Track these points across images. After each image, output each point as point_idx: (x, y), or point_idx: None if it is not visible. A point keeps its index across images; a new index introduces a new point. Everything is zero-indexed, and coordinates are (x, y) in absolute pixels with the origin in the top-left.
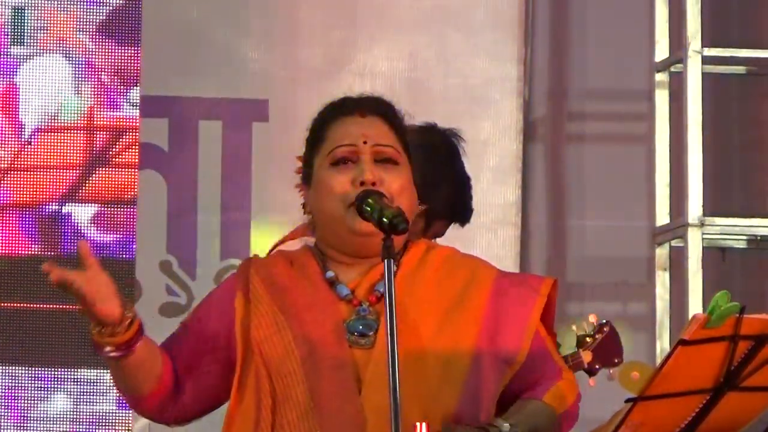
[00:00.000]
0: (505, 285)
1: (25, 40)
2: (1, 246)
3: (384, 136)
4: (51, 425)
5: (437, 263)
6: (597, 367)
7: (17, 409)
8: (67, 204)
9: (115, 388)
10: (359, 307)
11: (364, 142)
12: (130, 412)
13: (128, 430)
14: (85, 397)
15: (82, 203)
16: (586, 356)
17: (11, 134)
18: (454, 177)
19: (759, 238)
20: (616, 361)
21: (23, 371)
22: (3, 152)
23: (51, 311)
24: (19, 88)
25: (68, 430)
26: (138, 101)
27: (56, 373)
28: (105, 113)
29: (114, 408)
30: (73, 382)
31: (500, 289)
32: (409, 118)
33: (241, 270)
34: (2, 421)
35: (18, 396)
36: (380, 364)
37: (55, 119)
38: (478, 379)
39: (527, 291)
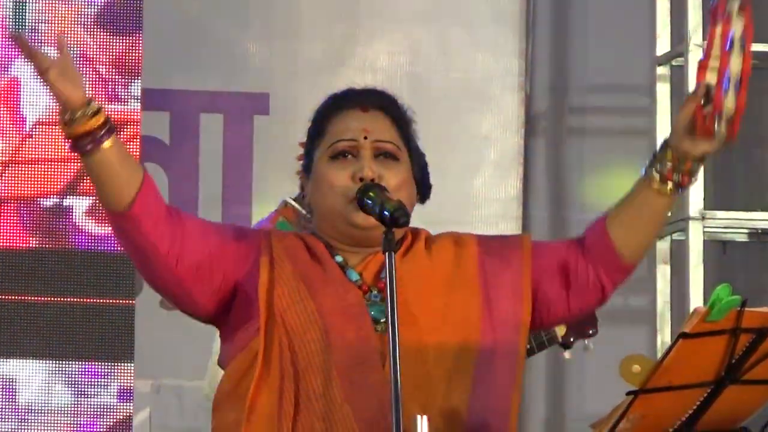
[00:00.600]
0: (488, 248)
1: (27, 33)
2: (2, 239)
3: (385, 131)
4: (52, 417)
5: (422, 245)
6: (571, 339)
7: (18, 402)
8: (67, 197)
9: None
10: (369, 293)
11: (365, 138)
12: (131, 404)
13: (129, 422)
14: (85, 389)
15: (83, 196)
16: (560, 330)
17: (12, 127)
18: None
19: (760, 231)
20: (590, 332)
21: (24, 364)
22: (4, 145)
23: (51, 304)
24: (20, 81)
25: (69, 422)
26: (139, 94)
27: (57, 365)
28: (106, 106)
29: (115, 401)
30: (74, 374)
31: (485, 253)
32: (410, 112)
33: (263, 236)
34: (3, 413)
35: (19, 388)
36: (405, 340)
37: (56, 112)
38: (490, 358)
39: (512, 250)
